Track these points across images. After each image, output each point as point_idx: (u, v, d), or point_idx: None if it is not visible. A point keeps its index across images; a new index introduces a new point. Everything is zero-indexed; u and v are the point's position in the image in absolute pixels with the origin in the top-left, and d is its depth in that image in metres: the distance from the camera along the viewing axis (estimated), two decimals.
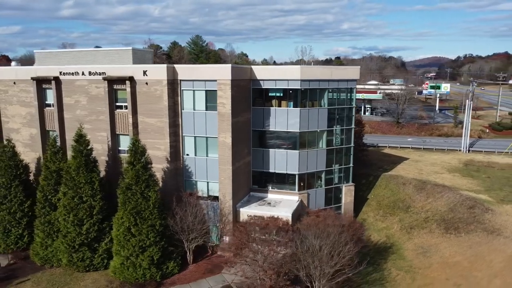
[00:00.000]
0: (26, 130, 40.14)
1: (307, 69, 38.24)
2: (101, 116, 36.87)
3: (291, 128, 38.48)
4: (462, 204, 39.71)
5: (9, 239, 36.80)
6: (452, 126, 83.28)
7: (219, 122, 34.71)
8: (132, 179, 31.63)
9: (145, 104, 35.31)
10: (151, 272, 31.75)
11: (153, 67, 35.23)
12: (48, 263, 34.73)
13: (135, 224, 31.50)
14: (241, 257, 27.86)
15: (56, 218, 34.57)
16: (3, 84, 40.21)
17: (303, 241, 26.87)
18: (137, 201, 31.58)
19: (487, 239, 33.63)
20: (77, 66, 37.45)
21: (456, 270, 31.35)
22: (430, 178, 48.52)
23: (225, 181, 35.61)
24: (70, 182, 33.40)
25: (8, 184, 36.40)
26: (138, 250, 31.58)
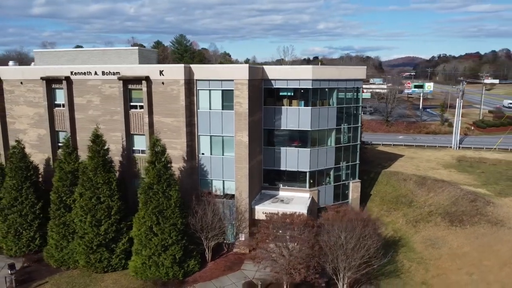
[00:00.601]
0: (33, 131, 39.43)
1: (318, 69, 39.24)
2: (115, 116, 36.72)
3: (303, 127, 39.40)
4: (463, 197, 41.69)
5: (21, 242, 36.14)
6: (439, 124, 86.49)
7: (236, 121, 35.25)
8: (153, 179, 31.75)
9: (161, 104, 35.43)
10: (173, 271, 31.99)
11: (170, 67, 35.41)
12: (64, 265, 34.37)
13: (157, 223, 31.66)
14: (268, 252, 28.48)
15: (72, 219, 34.31)
16: (9, 84, 39.37)
17: (330, 235, 27.80)
18: (159, 200, 31.74)
19: (492, 230, 35.56)
20: (89, 66, 37.16)
21: (466, 260, 33.05)
22: (428, 173, 50.52)
23: (241, 179, 36.17)
24: (87, 183, 33.20)
25: (19, 186, 35.75)
26: (160, 249, 31.75)
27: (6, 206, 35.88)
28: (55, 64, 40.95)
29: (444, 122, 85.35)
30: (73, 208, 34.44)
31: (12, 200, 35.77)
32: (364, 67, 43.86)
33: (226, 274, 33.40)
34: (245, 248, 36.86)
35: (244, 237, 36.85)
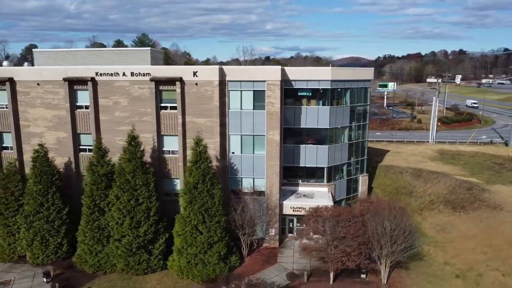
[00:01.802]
0: (51, 134, 38.01)
1: (336, 70, 41.62)
2: (144, 117, 36.58)
3: (322, 125, 41.60)
4: (460, 186, 46.27)
5: (48, 249, 34.95)
6: (409, 120, 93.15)
7: (267, 120, 36.68)
8: (198, 178, 32.36)
9: (194, 104, 35.93)
10: (220, 267, 32.87)
11: (204, 68, 36.02)
12: (101, 270, 33.85)
13: (203, 221, 32.34)
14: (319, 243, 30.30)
15: (107, 222, 33.89)
16: (24, 85, 37.63)
17: (376, 223, 30.25)
18: (204, 199, 32.43)
19: (493, 214, 40.11)
20: (117, 67, 36.69)
21: (477, 241, 37.11)
22: (419, 166, 55.03)
23: (272, 176, 37.68)
24: (125, 185, 33.05)
25: (45, 191, 34.56)
26: (207, 246, 32.49)
27: (31, 213, 34.49)
28: (56, 65, 39.82)
29: (413, 119, 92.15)
30: (106, 211, 34.10)
31: (37, 206, 34.46)
32: (372, 69, 47.06)
33: (267, 268, 34.81)
34: (275, 242, 38.48)
35: (274, 231, 38.40)
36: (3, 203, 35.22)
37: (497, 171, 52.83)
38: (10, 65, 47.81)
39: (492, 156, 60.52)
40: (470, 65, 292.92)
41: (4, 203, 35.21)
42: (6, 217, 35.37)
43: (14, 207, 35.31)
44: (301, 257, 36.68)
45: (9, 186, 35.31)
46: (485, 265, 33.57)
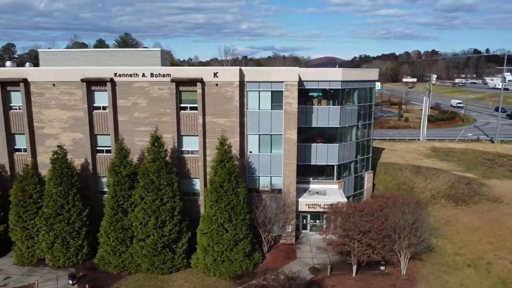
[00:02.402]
0: (67, 136, 37.66)
1: (346, 71, 43.01)
2: (163, 118, 36.85)
3: (332, 124, 42.96)
4: (459, 181, 48.76)
5: (69, 252, 34.73)
6: (397, 119, 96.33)
7: (285, 120, 37.68)
8: (224, 177, 33.00)
9: (214, 105, 36.49)
10: (246, 264, 33.65)
11: (225, 69, 36.68)
12: (125, 270, 33.98)
13: (229, 219, 33.01)
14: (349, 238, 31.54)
15: (130, 223, 34.02)
16: (38, 86, 37.13)
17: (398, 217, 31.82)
18: (229, 197, 33.12)
19: (494, 206, 42.60)
20: (136, 68, 36.77)
21: (482, 233, 39.37)
22: (416, 163, 57.42)
23: (289, 174, 38.74)
24: (150, 185, 33.30)
25: (65, 193, 34.35)
26: (233, 244, 33.18)
27: (51, 215, 34.18)
28: (65, 65, 39.69)
29: (401, 118, 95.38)
30: (129, 212, 34.23)
31: (58, 208, 34.19)
32: (377, 69, 48.87)
33: (288, 263, 35.82)
34: (291, 238, 39.58)
35: (291, 228, 39.48)
36: (22, 205, 34.71)
37: (489, 166, 55.83)
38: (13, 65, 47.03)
39: (482, 152, 63.75)
40: (444, 66, 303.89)
41: (22, 206, 34.71)
42: (25, 220, 34.88)
43: (33, 210, 34.86)
44: (319, 252, 38.09)
45: (26, 188, 34.82)
46: (493, 254, 35.76)
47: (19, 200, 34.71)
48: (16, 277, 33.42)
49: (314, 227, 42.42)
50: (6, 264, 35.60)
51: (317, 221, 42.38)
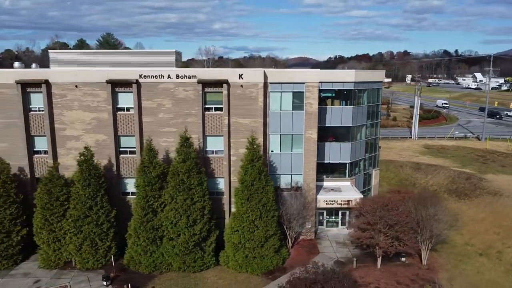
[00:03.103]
0: (90, 137, 37.51)
1: (358, 73, 44.76)
2: (188, 119, 37.36)
3: (345, 123, 44.60)
4: (459, 177, 51.67)
5: (98, 253, 34.72)
6: (385, 118, 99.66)
7: (306, 120, 39.02)
8: (255, 176, 33.95)
9: (239, 105, 37.33)
10: (276, 259, 34.71)
11: (250, 71, 37.52)
12: (157, 270, 34.33)
13: (260, 217, 33.99)
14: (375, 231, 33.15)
15: (160, 223, 34.41)
16: (60, 88, 36.81)
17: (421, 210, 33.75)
18: (260, 195, 34.09)
19: (495, 199, 45.55)
20: (162, 69, 37.12)
21: (487, 224, 42.10)
22: (414, 160, 60.24)
23: (309, 172, 40.11)
24: (181, 185, 33.82)
25: (94, 194, 34.34)
26: (263, 240, 34.18)
27: (79, 217, 34.08)
28: (75, 66, 39.76)
29: (388, 117, 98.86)
30: (158, 212, 34.59)
31: (86, 210, 34.13)
32: (383, 71, 50.96)
33: (313, 258, 37.09)
34: (311, 234, 40.98)
35: (311, 224, 40.85)
36: (48, 208, 34.35)
37: (483, 162, 59.28)
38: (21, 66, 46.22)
39: (472, 149, 67.42)
40: (417, 66, 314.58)
41: (48, 209, 34.36)
42: (51, 223, 34.55)
43: (60, 212, 34.59)
44: (339, 246, 39.67)
45: (53, 191, 34.51)
46: (501, 243, 38.43)
47: (45, 203, 34.35)
48: (46, 280, 33.13)
49: (329, 223, 44.03)
50: (31, 267, 35.15)
51: (333, 217, 44.02)
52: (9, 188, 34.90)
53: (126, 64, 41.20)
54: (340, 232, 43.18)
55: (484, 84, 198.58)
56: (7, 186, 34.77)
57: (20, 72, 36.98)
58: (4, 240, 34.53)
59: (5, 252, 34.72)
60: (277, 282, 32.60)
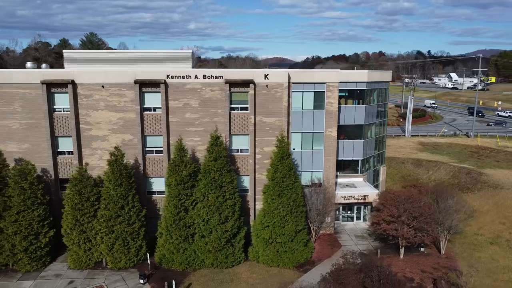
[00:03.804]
0: (116, 137, 37.62)
1: (370, 73, 46.59)
2: (215, 118, 38.08)
3: (358, 122, 46.33)
4: (459, 171, 54.50)
5: (130, 252, 34.96)
6: None
7: (326, 118, 40.52)
8: (285, 173, 35.10)
9: (264, 105, 38.37)
10: (306, 253, 35.97)
11: (275, 72, 38.64)
12: (190, 267, 34.92)
13: (291, 212, 35.17)
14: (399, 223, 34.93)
15: (192, 220, 35.02)
16: (86, 88, 36.76)
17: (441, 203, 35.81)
18: (290, 191, 35.27)
19: (496, 192, 48.45)
20: (189, 70, 37.76)
21: (492, 215, 44.82)
22: (413, 156, 62.88)
23: (329, 169, 41.62)
24: (213, 183, 34.56)
25: (126, 194, 34.56)
26: (293, 235, 35.37)
27: (111, 217, 34.24)
28: (87, 66, 39.89)
29: None
30: (190, 209, 35.17)
31: (118, 209, 34.32)
32: (390, 72, 53.08)
33: (336, 251, 38.64)
34: (330, 229, 42.48)
35: (330, 219, 42.34)
36: (79, 209, 34.31)
37: (477, 158, 62.60)
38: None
39: (465, 146, 70.93)
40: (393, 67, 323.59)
41: (79, 209, 34.32)
42: (82, 223, 34.53)
43: (91, 213, 34.61)
44: (359, 239, 41.38)
45: (83, 191, 34.49)
46: (508, 232, 41.14)
47: (75, 203, 34.27)
48: (80, 280, 33.13)
49: (345, 217, 45.73)
50: (61, 269, 35.00)
51: (348, 212, 45.73)
52: (36, 190, 34.59)
53: (142, 65, 41.42)
54: (356, 226, 45.01)
55: (460, 84, 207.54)
56: (34, 187, 34.44)
57: (45, 72, 36.68)
58: (33, 242, 34.22)
59: (34, 254, 34.43)
60: (309, 274, 33.92)
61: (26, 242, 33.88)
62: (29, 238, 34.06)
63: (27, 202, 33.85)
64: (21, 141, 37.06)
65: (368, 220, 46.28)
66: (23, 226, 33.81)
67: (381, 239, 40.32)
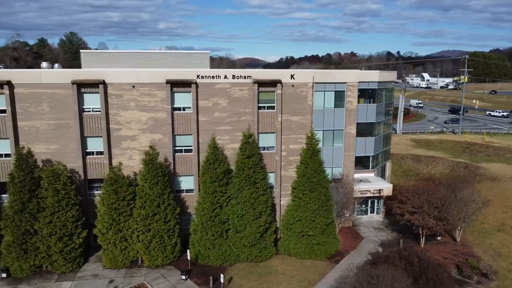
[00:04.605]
0: (146, 137, 37.94)
1: (382, 73, 48.89)
2: (243, 117, 39.13)
3: (370, 120, 48.50)
4: (457, 165, 57.96)
5: (167, 250, 35.49)
6: None
7: (346, 116, 42.45)
8: (316, 168, 36.68)
9: (289, 104, 39.80)
10: (335, 244, 37.68)
11: (300, 72, 40.19)
12: (226, 262, 35.83)
13: (322, 206, 36.79)
14: (420, 213, 37.27)
15: (227, 216, 35.98)
16: (116, 88, 36.91)
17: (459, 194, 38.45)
18: (320, 186, 36.89)
19: (494, 184, 52.02)
20: (219, 70, 38.58)
21: (494, 205, 47.92)
22: (411, 152, 66.12)
23: (349, 165, 43.59)
24: (248, 180, 35.69)
25: (162, 192, 35.10)
26: (324, 227, 37.00)
27: (148, 216, 34.67)
28: (106, 66, 40.32)
29: None
30: (224, 206, 36.10)
31: (155, 208, 34.80)
32: (395, 72, 55.74)
33: (360, 242, 40.63)
34: (349, 222, 44.46)
35: (349, 213, 44.29)
36: (115, 208, 34.49)
37: (469, 153, 66.61)
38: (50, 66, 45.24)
39: (455, 142, 75.10)
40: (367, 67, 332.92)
41: (116, 209, 34.51)
42: (118, 223, 34.72)
43: (127, 212, 34.87)
44: (377, 231, 43.58)
45: (119, 191, 34.70)
46: (511, 220, 44.50)
47: (112, 203, 34.45)
48: (120, 279, 33.36)
49: (359, 211, 47.88)
50: (96, 269, 35.03)
51: (363, 206, 47.90)
52: (69, 190, 34.49)
53: (162, 65, 42.15)
54: (371, 219, 47.26)
55: (433, 83, 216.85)
56: (67, 188, 34.33)
57: (76, 72, 36.58)
58: (67, 243, 34.12)
59: (69, 255, 34.30)
60: (341, 265, 35.65)
61: (61, 243, 33.76)
62: (64, 239, 33.93)
63: (61, 203, 33.74)
64: (49, 142, 36.74)
65: (381, 213, 48.69)
66: (58, 227, 33.67)
67: (398, 230, 42.72)
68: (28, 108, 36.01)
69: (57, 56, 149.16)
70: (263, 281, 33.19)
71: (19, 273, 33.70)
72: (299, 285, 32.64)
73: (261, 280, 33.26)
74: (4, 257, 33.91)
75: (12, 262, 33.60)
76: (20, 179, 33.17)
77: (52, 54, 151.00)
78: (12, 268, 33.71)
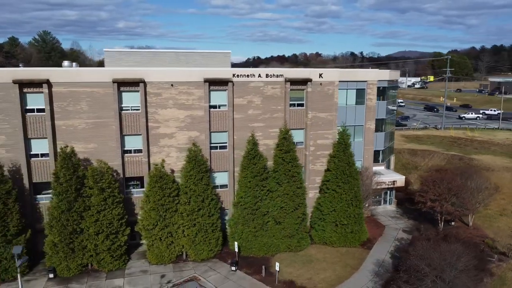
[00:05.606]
0: (183, 134, 38.73)
1: (392, 73, 52.10)
2: (274, 114, 40.81)
3: (380, 116, 51.51)
4: (452, 158, 62.46)
5: (211, 244, 36.57)
6: None
7: (366, 113, 45.19)
8: (348, 162, 39.02)
9: (317, 101, 41.92)
10: (366, 232, 40.21)
11: (328, 71, 42.26)
12: (268, 253, 37.42)
13: (355, 196, 39.20)
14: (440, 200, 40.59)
15: (267, 209, 37.59)
16: (155, 87, 37.47)
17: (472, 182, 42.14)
18: (352, 178, 39.28)
19: (489, 174, 56.59)
20: (253, 69, 40.03)
21: None
22: (405, 147, 70.22)
23: (368, 158, 46.39)
24: (287, 174, 37.55)
25: (206, 188, 36.19)
26: (356, 217, 39.45)
27: (193, 211, 35.60)
28: (129, 66, 41.16)
29: None
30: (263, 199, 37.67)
31: (200, 203, 35.78)
32: (398, 71, 59.28)
33: (383, 230, 43.45)
34: (368, 212, 47.24)
35: (368, 203, 47.10)
36: (162, 204, 35.13)
37: (458, 146, 71.67)
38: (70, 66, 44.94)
39: (442, 137, 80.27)
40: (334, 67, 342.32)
41: (162, 205, 35.15)
42: (165, 219, 35.37)
43: (173, 208, 35.59)
44: (395, 219, 46.72)
45: (164, 187, 35.35)
46: (511, 205, 49.04)
47: (158, 199, 35.05)
48: (170, 274, 34.07)
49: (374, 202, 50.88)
50: (143, 265, 35.50)
51: (377, 197, 50.92)
52: (113, 188, 34.77)
53: (187, 64, 43.09)
54: (385, 209, 50.36)
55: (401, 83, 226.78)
56: (112, 186, 34.60)
57: (116, 71, 36.72)
58: (114, 241, 34.40)
59: (115, 252, 34.59)
60: (374, 250, 38.38)
61: (108, 241, 34.02)
62: (110, 237, 34.21)
63: (107, 201, 33.99)
64: (87, 141, 36.71)
65: (393, 203, 51.93)
66: (104, 225, 33.91)
67: (413, 218, 46.08)
68: (66, 107, 35.84)
69: (30, 56, 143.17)
70: (309, 268, 35.10)
71: (66, 272, 33.62)
72: (344, 269, 34.85)
73: (307, 267, 35.15)
74: (49, 257, 33.69)
75: (59, 262, 33.47)
76: (66, 178, 33.08)
77: (25, 53, 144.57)
78: (59, 268, 33.58)
